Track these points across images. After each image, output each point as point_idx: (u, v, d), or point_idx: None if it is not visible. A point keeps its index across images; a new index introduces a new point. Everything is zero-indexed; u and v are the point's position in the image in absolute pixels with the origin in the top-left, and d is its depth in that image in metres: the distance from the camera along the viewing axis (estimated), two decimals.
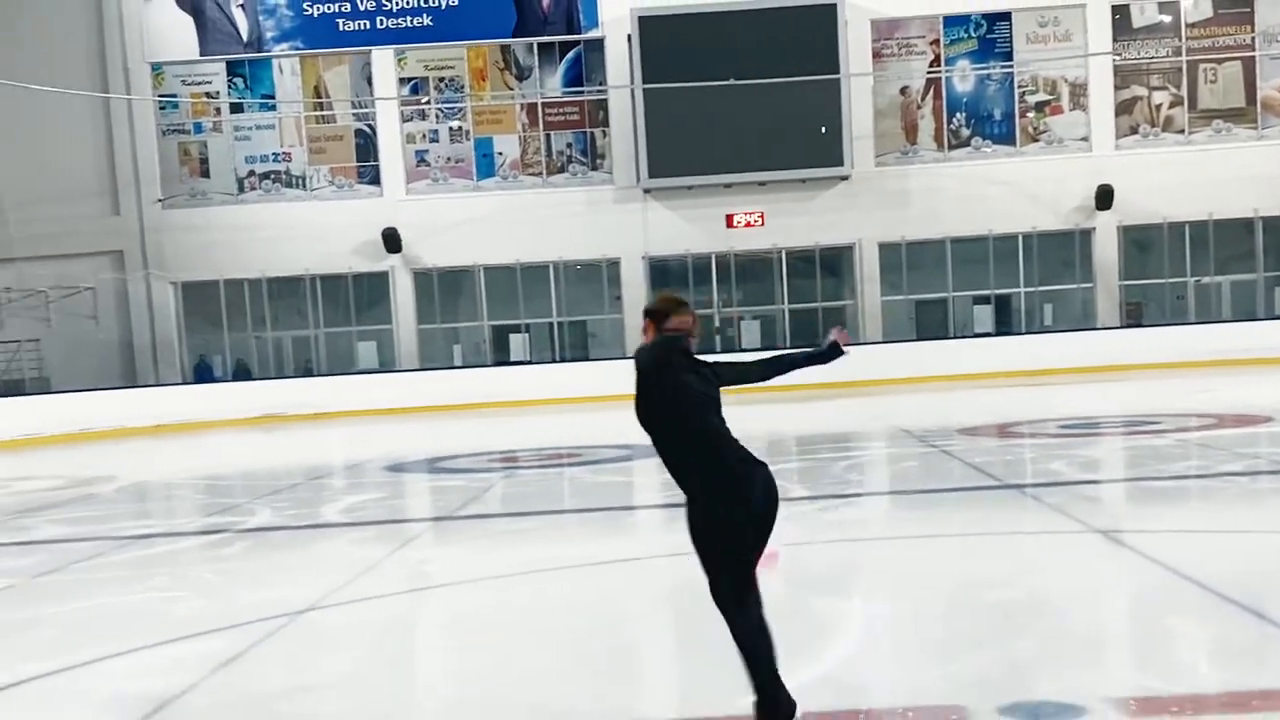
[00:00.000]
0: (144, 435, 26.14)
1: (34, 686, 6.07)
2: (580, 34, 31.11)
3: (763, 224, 30.91)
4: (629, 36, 30.26)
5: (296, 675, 6.24)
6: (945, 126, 30.99)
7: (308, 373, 31.50)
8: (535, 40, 31.21)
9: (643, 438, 4.85)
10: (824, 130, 30.00)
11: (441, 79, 31.61)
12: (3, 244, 30.94)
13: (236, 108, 31.70)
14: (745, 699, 4.99)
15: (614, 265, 31.63)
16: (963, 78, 31.01)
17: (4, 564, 10.45)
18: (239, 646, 6.72)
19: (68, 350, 30.98)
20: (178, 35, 31.43)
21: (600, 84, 31.27)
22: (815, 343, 30.21)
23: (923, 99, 31.01)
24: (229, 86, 31.68)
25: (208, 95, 31.69)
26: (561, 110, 31.55)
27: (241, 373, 31.87)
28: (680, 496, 4.89)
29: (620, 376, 25.76)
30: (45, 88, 28.21)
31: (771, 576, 8.39)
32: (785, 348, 30.67)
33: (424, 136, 31.69)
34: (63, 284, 31.11)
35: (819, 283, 31.79)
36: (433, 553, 10.03)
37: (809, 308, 31.58)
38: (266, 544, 10.92)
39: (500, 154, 31.58)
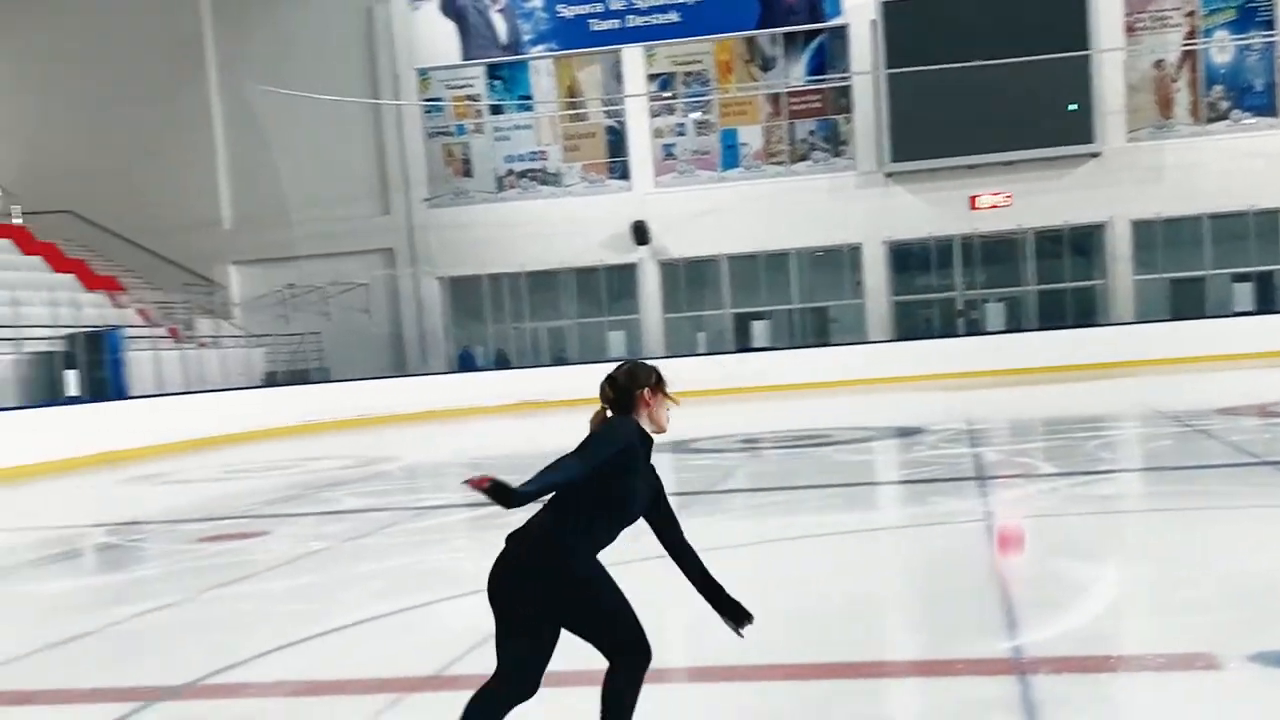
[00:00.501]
0: (414, 421, 27.82)
1: (380, 623, 7.08)
2: (824, 22, 31.47)
3: (1009, 204, 30.58)
4: (873, 22, 30.45)
5: None
6: (1202, 99, 29.96)
7: (562, 361, 32.88)
8: (780, 31, 31.73)
9: (884, 421, 5.40)
10: (1073, 107, 29.48)
11: (689, 73, 32.52)
12: (288, 244, 33.56)
13: (496, 109, 33.42)
14: (984, 643, 5.50)
15: (855, 251, 31.87)
16: (1221, 49, 29.90)
17: (319, 530, 11.73)
18: None
19: (345, 342, 33.28)
20: (441, 41, 33.34)
21: (843, 71, 31.55)
22: (1061, 324, 29.72)
23: (1178, 71, 30.06)
24: (489, 89, 33.44)
25: (470, 98, 33.53)
26: (804, 99, 31.98)
27: (501, 362, 33.55)
28: None
29: (860, 362, 26.26)
30: (322, 96, 30.55)
31: (1024, 545, 8.80)
32: (1032, 330, 30.32)
33: (671, 130, 32.68)
34: (340, 280, 33.51)
35: (1068, 263, 31.23)
36: (694, 522, 10.75)
37: (1057, 289, 31.07)
38: None
39: (744, 144, 32.26)
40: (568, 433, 18.73)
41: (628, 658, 4.20)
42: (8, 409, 20.76)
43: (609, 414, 4.34)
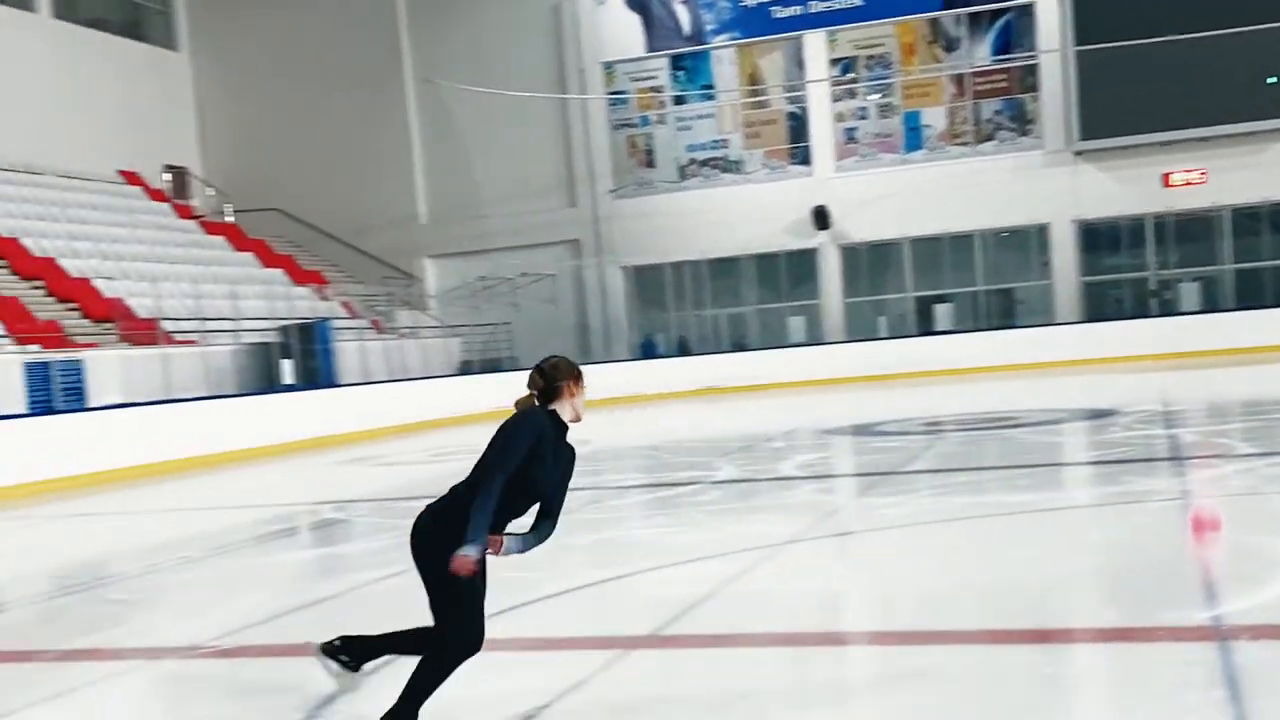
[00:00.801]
0: (599, 407, 28.38)
1: (594, 589, 7.63)
2: (1010, 1, 31.04)
3: (1204, 181, 29.67)
4: None
5: (794, 585, 7.45)
6: None
7: (742, 347, 33.27)
8: (964, 11, 31.42)
9: (1073, 403, 5.62)
10: (1272, 80, 28.47)
11: (871, 57, 32.47)
12: (480, 237, 34.79)
13: (679, 99, 33.97)
14: (1183, 613, 5.70)
15: (1042, 231, 31.38)
16: None
17: None
18: (739, 567, 8.02)
19: (533, 331, 34.27)
20: (626, 34, 34.04)
21: (1030, 49, 31.06)
22: (1260, 304, 28.69)
23: None
24: (672, 79, 34.01)
25: (653, 89, 34.16)
26: (990, 78, 31.61)
27: (682, 349, 34.11)
28: None
29: (1048, 344, 25.87)
30: (512, 93, 31.59)
31: (1221, 522, 8.85)
32: (1229, 310, 29.40)
33: (853, 114, 32.70)
34: (529, 271, 34.57)
35: (1266, 241, 30.14)
36: (881, 501, 11.03)
37: (1256, 267, 30.03)
38: (737, 493, 12.36)
39: (928, 126, 32.06)
40: (747, 417, 19.48)
41: (456, 638, 4.57)
42: (229, 396, 22.25)
43: (535, 402, 4.86)
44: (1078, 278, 31.26)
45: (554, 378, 4.87)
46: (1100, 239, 31.13)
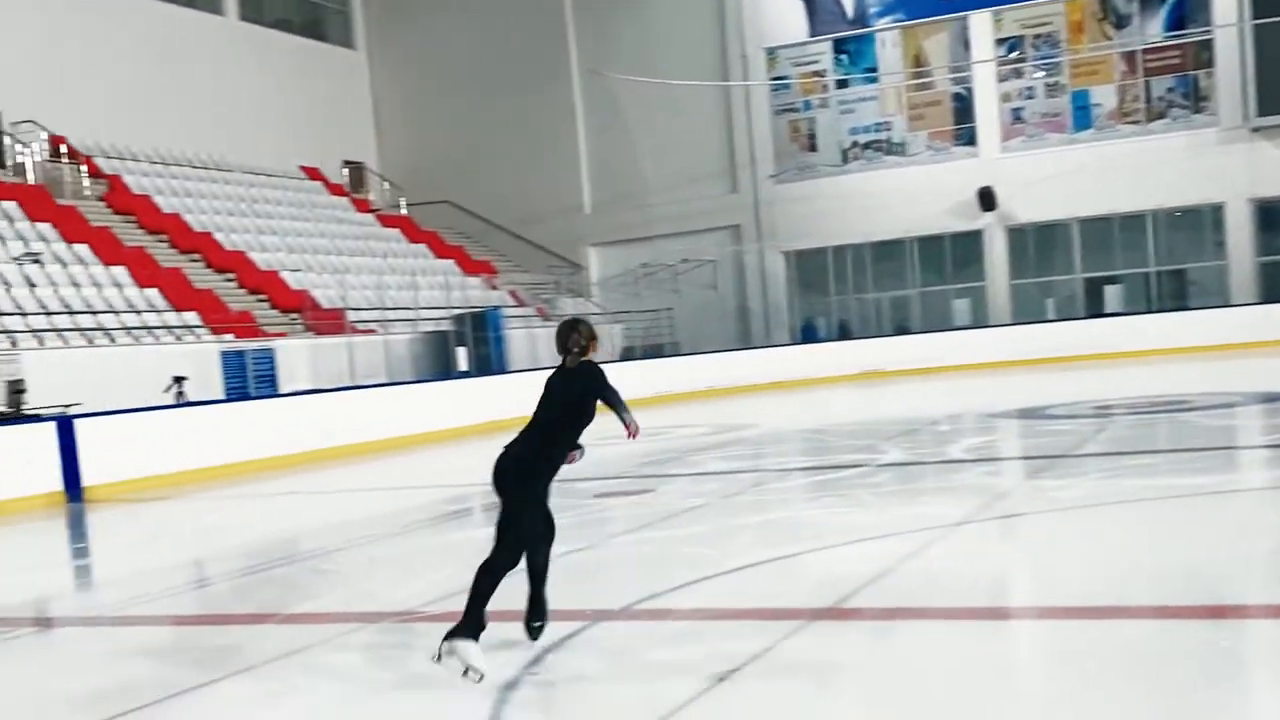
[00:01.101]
0: (761, 391, 28.81)
1: (768, 566, 8.02)
2: None
3: None
4: None
5: (965, 564, 7.72)
6: None
7: (905, 331, 33.16)
8: None
9: (1249, 386, 5.76)
10: None
11: (1038, 35, 31.99)
12: (642, 225, 35.42)
13: (842, 83, 34.01)
14: None
15: (1216, 210, 30.54)
16: None
17: (694, 488, 12.84)
18: (910, 547, 8.30)
19: (693, 316, 34.77)
20: (789, 20, 34.21)
21: (1204, 24, 30.19)
22: None
23: None
24: (835, 63, 34.07)
25: (815, 74, 34.27)
26: (1162, 55, 30.84)
27: (844, 332, 34.17)
28: None
29: (1223, 326, 25.29)
30: (676, 82, 32.09)
31: None
32: None
33: (1019, 94, 32.28)
34: (689, 257, 35.05)
35: None
36: (1051, 484, 11.14)
37: None
38: (904, 475, 12.59)
39: (1097, 105, 31.46)
40: (910, 401, 19.59)
41: (506, 550, 5.84)
42: (408, 383, 23.29)
43: (582, 359, 6.15)
44: (1254, 258, 30.34)
45: (591, 336, 6.20)
46: (1278, 218, 30.13)
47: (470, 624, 5.64)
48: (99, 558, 12.19)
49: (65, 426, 15.11)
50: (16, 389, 16.87)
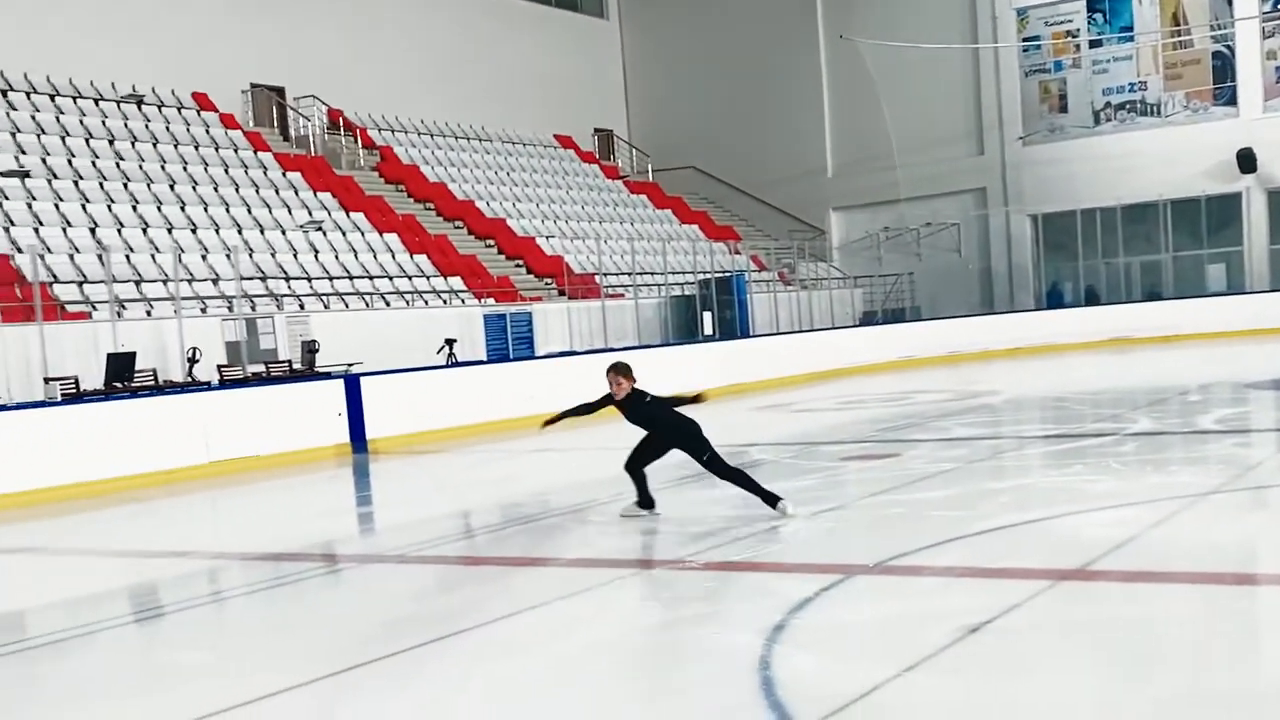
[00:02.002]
0: (1003, 357, 28.57)
1: (1019, 529, 8.39)
2: None
3: None
4: None
5: (1214, 532, 7.92)
6: None
7: (1155, 296, 32.18)
8: None
9: None
10: None
11: None
12: (885, 188, 35.41)
13: (1095, 42, 33.12)
14: None
15: None
16: None
17: (939, 453, 13.18)
18: (1158, 514, 8.52)
19: (934, 281, 34.63)
20: None
21: None
22: None
23: None
24: (1088, 23, 33.18)
25: (1068, 33, 33.46)
26: None
27: (1091, 298, 33.39)
28: None
29: None
30: (925, 45, 31.92)
31: None
32: None
33: None
34: (932, 221, 34.86)
35: None
36: None
37: None
38: (1153, 445, 12.62)
39: None
40: (1160, 368, 19.31)
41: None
42: (657, 346, 24.21)
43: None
44: None
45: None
46: None
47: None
48: (384, 504, 13.43)
49: (352, 384, 16.55)
50: (310, 349, 18.51)
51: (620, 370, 9.56)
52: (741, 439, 16.54)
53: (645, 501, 9.78)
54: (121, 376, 15.74)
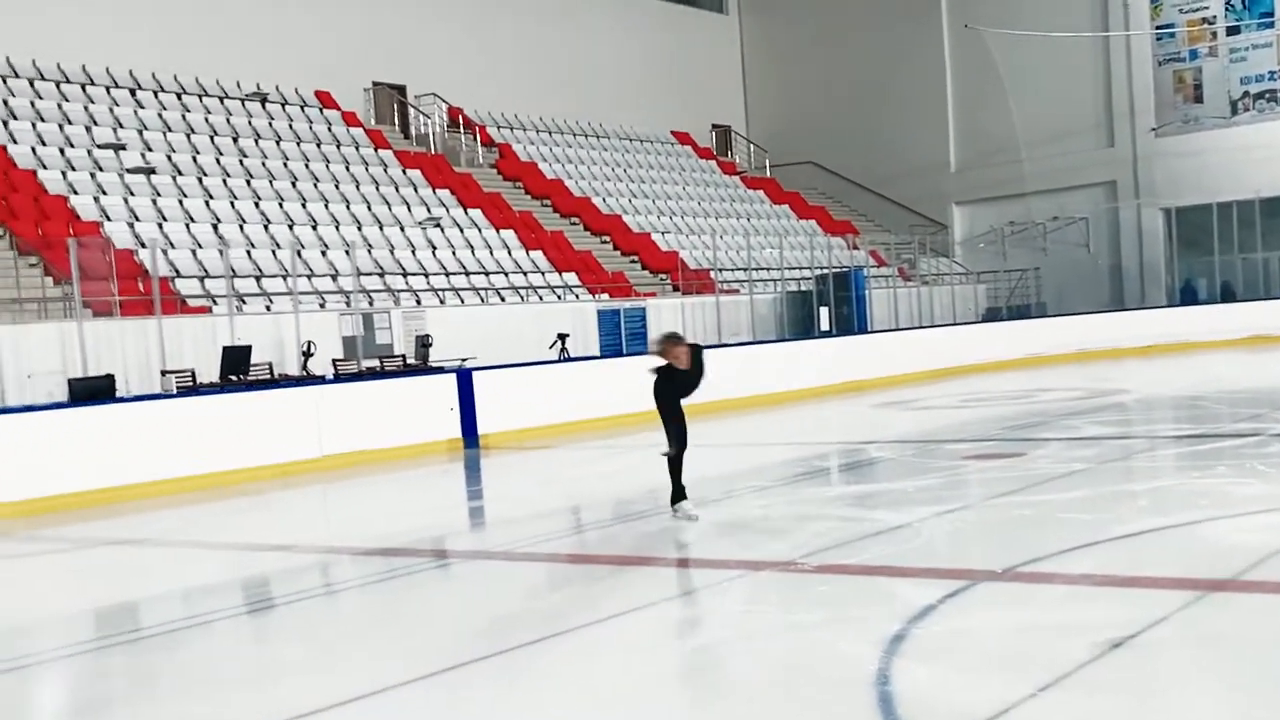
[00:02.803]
0: (1134, 355, 27.54)
1: (1160, 534, 7.89)
2: None
3: None
4: None
5: None
6: None
7: None
8: None
9: None
10: None
11: None
12: (1009, 182, 34.47)
13: (1233, 30, 31.79)
14: None
15: None
16: None
17: (1069, 453, 12.60)
18: None
19: (1061, 276, 33.59)
20: None
21: None
22: None
23: None
24: (1226, 9, 31.87)
25: (1204, 20, 32.20)
26: None
27: (1226, 294, 32.07)
28: None
29: None
30: (1054, 34, 30.99)
31: None
32: None
33: None
34: (1059, 215, 33.83)
35: None
36: None
37: None
38: None
39: None
40: None
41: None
42: (771, 341, 23.81)
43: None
44: None
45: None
46: None
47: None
48: (495, 499, 13.29)
49: (464, 378, 16.48)
50: (424, 344, 18.52)
51: (674, 339, 9.69)
52: (859, 436, 16.12)
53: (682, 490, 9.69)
54: (237, 370, 15.89)
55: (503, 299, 22.92)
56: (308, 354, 17.13)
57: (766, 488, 11.68)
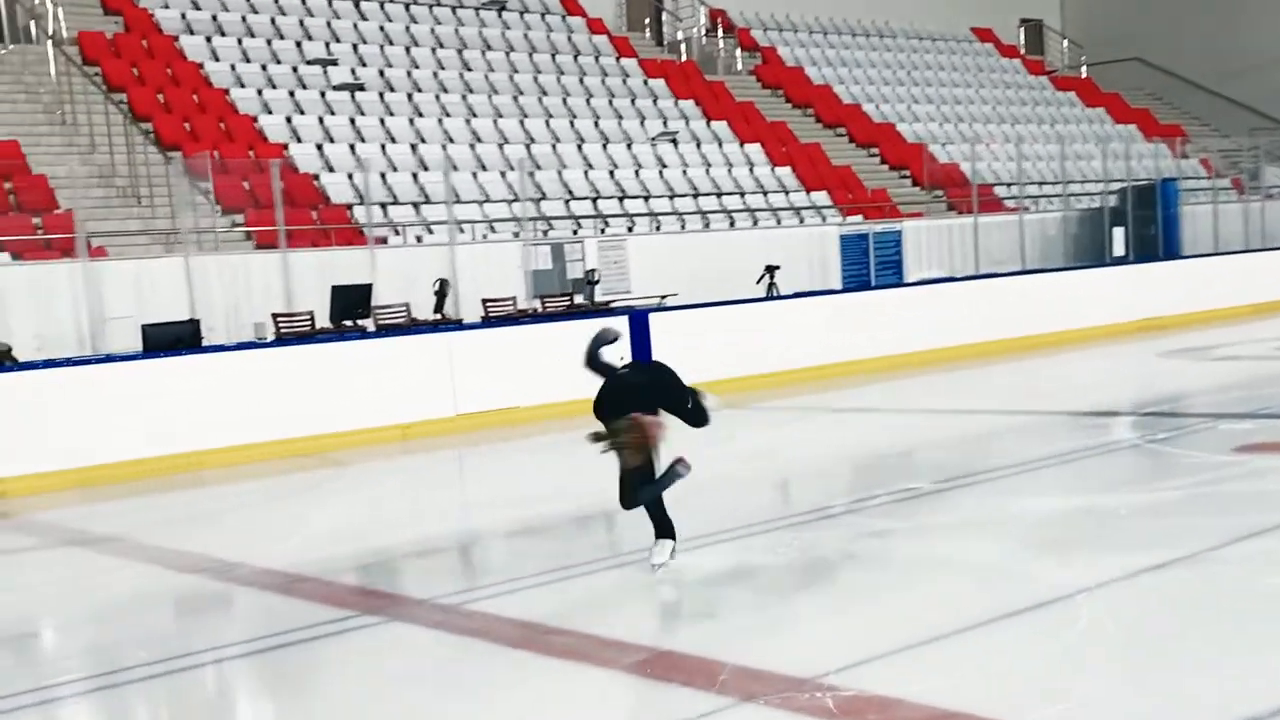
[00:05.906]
0: None
1: None
2: None
3: None
4: None
5: None
6: None
7: None
8: None
9: None
10: None
11: None
12: None
13: None
14: None
15: None
16: None
17: None
18: None
19: None
20: None
21: None
22: None
23: None
24: None
25: None
26: None
27: None
28: None
29: None
30: None
31: None
32: None
33: None
34: None
35: None
36: None
37: None
38: None
39: None
40: None
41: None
42: (1044, 271, 20.08)
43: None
44: None
45: None
46: None
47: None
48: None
49: (639, 322, 14.18)
50: (590, 280, 16.45)
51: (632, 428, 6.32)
52: (1138, 396, 12.90)
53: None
54: (351, 313, 14.16)
55: (733, 223, 20.43)
56: (441, 294, 15.15)
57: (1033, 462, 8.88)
